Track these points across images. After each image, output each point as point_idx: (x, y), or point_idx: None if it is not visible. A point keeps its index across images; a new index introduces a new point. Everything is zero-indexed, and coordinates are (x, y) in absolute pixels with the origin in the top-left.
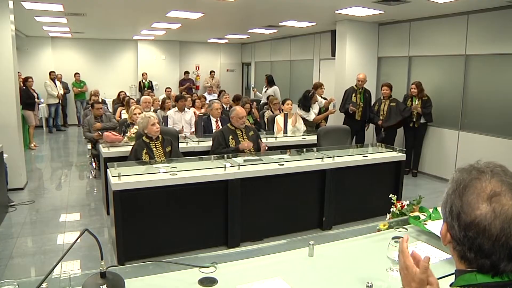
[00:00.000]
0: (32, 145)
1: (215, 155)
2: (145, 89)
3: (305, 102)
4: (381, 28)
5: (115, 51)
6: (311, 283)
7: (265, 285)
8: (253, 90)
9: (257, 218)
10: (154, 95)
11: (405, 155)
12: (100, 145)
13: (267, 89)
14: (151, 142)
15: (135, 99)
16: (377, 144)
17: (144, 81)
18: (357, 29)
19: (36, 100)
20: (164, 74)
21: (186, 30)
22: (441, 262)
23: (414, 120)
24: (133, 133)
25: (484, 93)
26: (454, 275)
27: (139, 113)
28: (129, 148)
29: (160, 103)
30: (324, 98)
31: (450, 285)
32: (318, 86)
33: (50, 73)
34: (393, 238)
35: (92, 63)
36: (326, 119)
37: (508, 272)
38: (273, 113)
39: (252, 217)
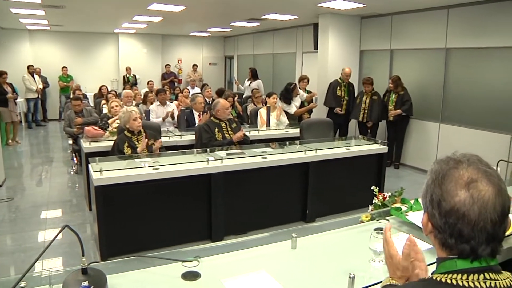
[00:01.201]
0: (11, 141)
1: (197, 149)
2: (129, 83)
3: (287, 95)
4: (363, 21)
5: (95, 44)
6: (294, 275)
7: (250, 278)
8: (235, 83)
9: (241, 212)
10: (137, 89)
11: (387, 147)
12: (81, 140)
13: (250, 83)
14: (133, 137)
15: (116, 92)
16: (360, 136)
17: (127, 75)
18: (339, 22)
19: (9, 95)
20: (146, 67)
21: (167, 23)
22: (423, 252)
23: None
24: (115, 128)
25: (464, 86)
26: (435, 264)
27: (116, 106)
28: (110, 143)
29: (142, 97)
30: (308, 91)
31: (432, 273)
32: (302, 79)
33: (28, 66)
34: (375, 229)
35: (72, 57)
36: (309, 112)
37: (486, 256)
38: (256, 106)
39: (235, 210)
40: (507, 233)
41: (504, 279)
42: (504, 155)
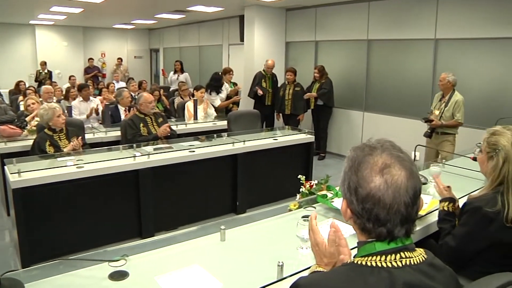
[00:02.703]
0: None
1: (124, 145)
2: (48, 80)
3: (216, 84)
4: (289, 13)
5: (8, 36)
6: (225, 267)
7: (183, 273)
8: (163, 74)
9: (171, 207)
10: (57, 85)
11: (313, 137)
12: None
13: (178, 76)
14: (54, 135)
15: (35, 88)
16: (286, 127)
17: (41, 71)
18: (265, 14)
19: None
20: (67, 62)
21: (89, 15)
22: (350, 236)
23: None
24: (34, 126)
25: (385, 76)
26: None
27: (33, 103)
28: (29, 142)
29: (63, 92)
30: (234, 84)
31: (354, 257)
32: (227, 72)
33: None
34: (302, 217)
35: None
36: (237, 104)
37: (401, 237)
38: (183, 99)
39: (165, 206)
40: (421, 213)
41: (417, 256)
42: (421, 140)
